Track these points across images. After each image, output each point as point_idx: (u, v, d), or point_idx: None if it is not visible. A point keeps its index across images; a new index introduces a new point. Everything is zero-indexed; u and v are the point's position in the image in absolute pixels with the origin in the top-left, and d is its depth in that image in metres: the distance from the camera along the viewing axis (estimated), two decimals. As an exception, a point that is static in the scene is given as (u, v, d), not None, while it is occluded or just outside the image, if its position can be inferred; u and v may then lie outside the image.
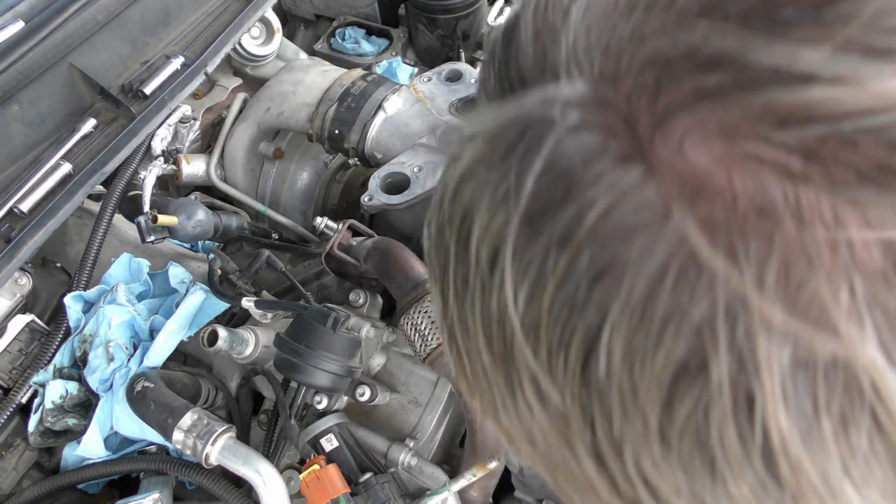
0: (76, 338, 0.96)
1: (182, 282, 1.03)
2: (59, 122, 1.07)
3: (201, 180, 1.33)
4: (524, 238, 0.20)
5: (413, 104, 1.19)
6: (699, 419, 0.18)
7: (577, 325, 0.19)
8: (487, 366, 0.23)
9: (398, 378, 0.99)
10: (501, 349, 0.21)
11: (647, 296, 0.18)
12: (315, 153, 1.36)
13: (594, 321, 0.19)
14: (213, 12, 1.25)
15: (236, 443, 0.83)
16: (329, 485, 0.80)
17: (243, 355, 0.90)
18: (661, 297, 0.17)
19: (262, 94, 1.30)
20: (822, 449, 0.17)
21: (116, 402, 0.89)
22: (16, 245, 0.93)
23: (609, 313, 0.18)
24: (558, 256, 0.19)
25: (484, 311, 0.22)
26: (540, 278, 0.19)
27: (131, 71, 1.14)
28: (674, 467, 0.19)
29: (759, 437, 0.17)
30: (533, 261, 0.20)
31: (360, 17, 1.63)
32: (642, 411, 0.18)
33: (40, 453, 0.95)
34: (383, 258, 0.95)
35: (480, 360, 0.23)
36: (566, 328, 0.19)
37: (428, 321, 0.86)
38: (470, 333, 0.23)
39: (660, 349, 0.18)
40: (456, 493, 0.86)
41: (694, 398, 0.18)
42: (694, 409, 0.18)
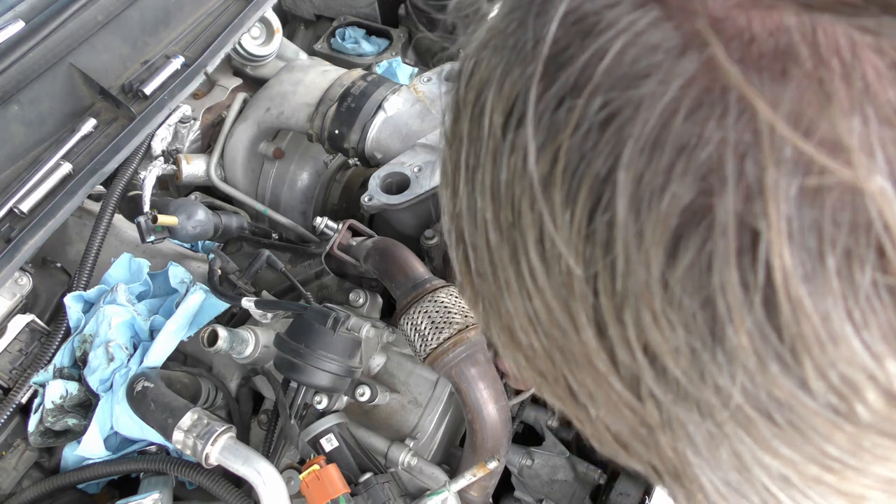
0: (76, 338, 0.96)
1: (182, 282, 1.03)
2: (59, 122, 1.07)
3: (201, 180, 1.34)
4: (539, 90, 0.20)
5: (413, 104, 1.19)
6: (702, 265, 0.18)
7: (585, 175, 0.19)
8: (494, 245, 0.23)
9: (398, 378, 0.99)
10: (508, 218, 0.22)
11: (657, 133, 0.18)
12: (315, 153, 1.36)
13: (603, 167, 0.19)
14: (213, 12, 1.25)
15: (236, 443, 0.83)
16: (329, 485, 0.80)
17: (243, 355, 0.90)
18: (671, 134, 0.17)
19: (262, 94, 1.30)
20: (824, 288, 0.16)
21: (116, 402, 0.89)
22: (16, 245, 0.93)
23: (619, 156, 0.18)
24: (572, 103, 0.19)
25: (494, 182, 0.22)
26: (552, 128, 0.20)
27: (131, 71, 1.14)
28: (674, 323, 0.18)
29: (762, 278, 0.17)
30: (546, 111, 0.20)
31: (360, 17, 1.63)
32: (646, 258, 0.18)
33: (40, 453, 0.95)
34: (383, 258, 0.95)
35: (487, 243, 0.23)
36: (574, 179, 0.19)
37: (428, 321, 0.86)
38: (478, 218, 0.23)
39: (668, 189, 0.18)
40: (456, 493, 0.86)
41: (698, 243, 0.17)
42: (698, 256, 0.18)
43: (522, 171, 0.21)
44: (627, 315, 0.19)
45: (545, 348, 0.23)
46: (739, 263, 0.17)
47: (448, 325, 0.86)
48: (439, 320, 0.86)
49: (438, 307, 0.87)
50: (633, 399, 0.21)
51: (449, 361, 0.85)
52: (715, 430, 0.19)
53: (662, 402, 0.20)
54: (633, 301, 0.19)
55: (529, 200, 0.21)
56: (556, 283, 0.21)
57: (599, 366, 0.21)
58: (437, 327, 0.86)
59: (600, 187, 0.19)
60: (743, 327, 0.17)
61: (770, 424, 0.18)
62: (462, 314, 0.87)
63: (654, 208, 0.18)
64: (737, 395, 0.18)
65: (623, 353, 0.20)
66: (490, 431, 0.86)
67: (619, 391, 0.21)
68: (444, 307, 0.87)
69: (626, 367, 0.20)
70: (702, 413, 0.19)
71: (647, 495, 0.98)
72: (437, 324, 0.86)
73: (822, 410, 0.17)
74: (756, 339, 0.17)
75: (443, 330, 0.86)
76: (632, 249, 0.18)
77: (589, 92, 0.19)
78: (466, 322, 0.87)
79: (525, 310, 0.23)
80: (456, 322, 0.86)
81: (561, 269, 0.20)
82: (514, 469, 1.04)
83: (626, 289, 0.19)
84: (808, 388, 0.17)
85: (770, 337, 0.17)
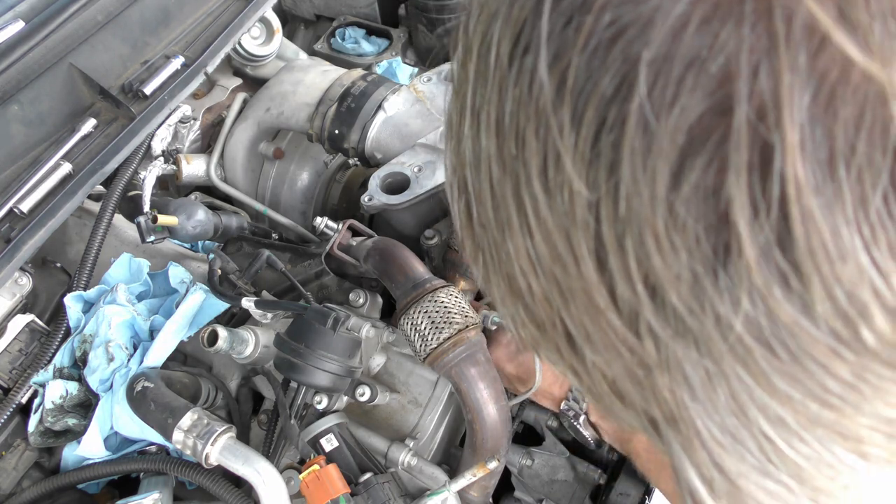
0: (76, 338, 0.96)
1: (182, 282, 1.03)
2: (59, 122, 1.07)
3: (201, 180, 1.34)
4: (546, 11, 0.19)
5: (413, 104, 1.19)
6: (709, 183, 0.17)
7: (592, 94, 0.19)
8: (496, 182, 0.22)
9: (398, 378, 0.99)
10: (512, 150, 0.21)
11: (667, 47, 0.17)
12: (315, 153, 1.36)
13: (610, 85, 0.18)
14: (213, 12, 1.25)
15: (236, 443, 0.83)
16: (329, 485, 0.80)
17: (243, 355, 0.90)
18: (681, 47, 0.17)
19: (262, 94, 1.30)
20: (835, 200, 0.16)
21: (116, 402, 0.89)
22: (16, 245, 0.93)
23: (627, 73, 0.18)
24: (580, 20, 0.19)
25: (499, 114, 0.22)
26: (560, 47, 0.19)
27: (131, 71, 1.14)
28: (677, 246, 0.18)
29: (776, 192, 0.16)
30: (553, 31, 0.19)
31: (360, 17, 1.63)
32: (651, 177, 0.18)
33: (40, 453, 0.95)
34: (383, 258, 0.95)
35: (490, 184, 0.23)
36: (581, 99, 0.19)
37: (428, 321, 0.86)
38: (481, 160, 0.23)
39: (676, 104, 0.17)
40: (456, 493, 0.86)
41: (706, 159, 0.17)
42: (705, 173, 0.17)
43: (528, 96, 0.20)
44: (629, 241, 0.19)
45: (544, 290, 0.23)
46: (749, 179, 0.16)
47: (448, 325, 0.86)
48: (439, 320, 0.86)
49: (438, 307, 0.87)
50: (631, 336, 0.21)
51: (449, 361, 0.85)
52: (713, 368, 0.19)
53: (661, 337, 0.20)
54: (635, 225, 0.19)
55: (535, 126, 0.20)
56: (559, 213, 0.20)
57: (598, 301, 0.21)
58: (437, 327, 0.86)
59: (607, 106, 0.18)
60: (749, 247, 0.17)
61: (770, 356, 0.18)
62: (462, 314, 0.87)
63: (661, 124, 0.17)
64: (737, 324, 0.18)
65: (623, 285, 0.20)
66: (490, 431, 0.86)
67: (617, 328, 0.21)
68: (444, 307, 0.87)
69: (625, 302, 0.20)
70: (700, 350, 0.19)
71: (647, 495, 0.98)
72: (437, 324, 0.86)
73: (824, 338, 0.17)
74: (762, 260, 0.17)
75: (443, 330, 0.86)
76: (637, 168, 0.18)
77: (598, 8, 0.18)
78: (466, 322, 0.87)
79: (526, 249, 0.22)
80: (456, 322, 0.86)
81: (563, 196, 0.20)
82: (514, 469, 1.04)
83: (629, 211, 0.19)
84: (812, 313, 0.17)
85: (777, 257, 0.17)
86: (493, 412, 0.86)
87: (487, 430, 0.86)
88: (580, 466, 1.03)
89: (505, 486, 1.04)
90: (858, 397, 0.18)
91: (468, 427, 0.88)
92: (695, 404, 0.20)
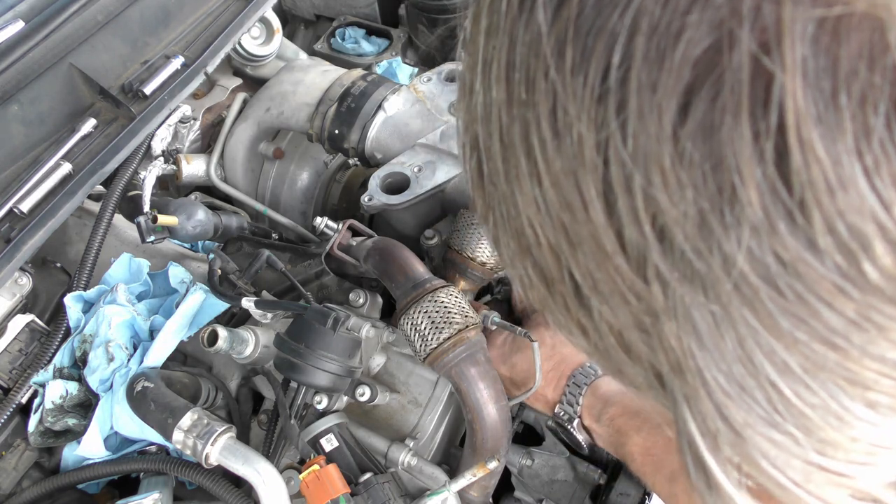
0: (76, 338, 0.96)
1: (182, 282, 1.03)
2: (59, 122, 1.07)
3: (201, 180, 1.34)
4: None
5: (413, 104, 1.19)
6: (714, 118, 0.17)
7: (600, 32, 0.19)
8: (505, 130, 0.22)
9: (398, 378, 0.99)
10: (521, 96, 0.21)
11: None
12: (315, 153, 1.36)
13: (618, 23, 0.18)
14: (213, 12, 1.25)
15: (236, 443, 0.83)
16: (329, 485, 0.80)
17: (243, 355, 0.90)
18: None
19: (262, 94, 1.30)
20: (836, 130, 0.16)
21: (116, 402, 0.89)
22: (16, 245, 0.93)
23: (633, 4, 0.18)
24: None
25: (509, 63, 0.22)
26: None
27: (131, 71, 1.14)
28: (683, 182, 0.18)
29: (774, 123, 0.16)
30: None
31: (360, 17, 1.63)
32: (658, 113, 0.18)
33: (40, 453, 0.95)
34: (383, 258, 0.95)
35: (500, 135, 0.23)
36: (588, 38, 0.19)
37: (428, 321, 0.86)
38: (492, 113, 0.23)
39: (682, 37, 0.17)
40: (456, 493, 0.86)
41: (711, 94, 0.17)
42: (710, 107, 0.17)
43: (537, 39, 0.20)
44: (636, 180, 0.19)
45: (552, 241, 0.23)
46: (752, 112, 0.16)
47: (448, 325, 0.86)
48: (439, 320, 0.86)
49: (438, 307, 0.87)
50: (638, 281, 0.21)
51: (449, 361, 0.85)
52: (720, 313, 0.19)
53: (668, 281, 0.20)
54: (643, 162, 0.18)
55: (543, 69, 0.20)
56: (567, 155, 0.20)
57: (606, 245, 0.21)
58: (437, 327, 0.86)
59: (614, 43, 0.18)
60: (752, 181, 0.17)
61: (775, 295, 0.18)
62: (462, 314, 0.87)
63: (668, 57, 0.17)
64: (741, 261, 0.17)
65: (631, 228, 0.20)
66: (490, 431, 0.86)
67: (624, 273, 0.21)
68: (444, 307, 0.87)
69: (633, 245, 0.20)
70: (707, 294, 0.19)
71: (647, 496, 0.98)
72: (437, 324, 0.86)
73: (828, 273, 0.17)
74: (765, 194, 0.17)
75: (443, 330, 0.86)
76: (644, 104, 0.18)
77: None
78: (466, 322, 0.87)
79: (534, 197, 0.22)
80: (456, 322, 0.86)
81: (572, 138, 0.20)
82: (514, 469, 1.04)
83: (636, 149, 0.18)
84: (815, 248, 0.17)
85: (780, 190, 0.17)
86: (493, 412, 0.86)
87: (487, 430, 0.86)
88: (580, 466, 1.03)
89: (505, 486, 1.04)
90: (864, 337, 0.18)
91: (468, 427, 0.88)
92: (702, 352, 0.20)
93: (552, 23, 0.20)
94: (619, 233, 0.20)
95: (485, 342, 0.90)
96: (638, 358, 0.24)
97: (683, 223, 0.18)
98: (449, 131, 1.12)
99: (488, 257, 1.00)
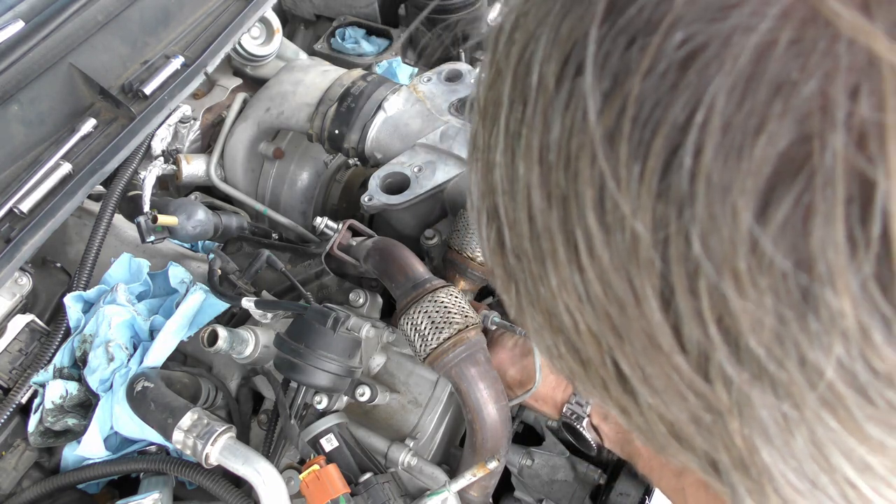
0: (76, 338, 0.96)
1: (182, 282, 1.03)
2: (59, 122, 1.07)
3: (201, 180, 1.34)
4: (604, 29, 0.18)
5: (413, 104, 1.19)
6: (800, 219, 0.15)
7: (660, 122, 0.17)
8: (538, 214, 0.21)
9: (398, 378, 0.99)
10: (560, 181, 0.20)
11: (751, 69, 0.15)
12: (315, 153, 1.36)
13: (682, 113, 0.17)
14: (213, 12, 1.25)
15: (236, 443, 0.83)
16: (329, 485, 0.80)
17: (243, 355, 0.90)
18: (767, 69, 0.15)
19: (262, 94, 1.30)
20: None
21: (116, 402, 0.89)
22: (16, 245, 0.93)
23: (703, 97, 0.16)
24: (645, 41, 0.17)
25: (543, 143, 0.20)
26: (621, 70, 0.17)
27: (131, 71, 1.14)
28: (761, 288, 0.16)
29: (877, 231, 0.15)
30: (613, 52, 0.18)
31: (360, 17, 1.63)
32: (733, 213, 0.16)
33: (40, 453, 0.95)
34: (383, 258, 0.95)
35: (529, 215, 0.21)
36: (646, 128, 0.17)
37: (428, 321, 0.86)
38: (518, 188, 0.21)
39: (762, 132, 0.15)
40: (456, 493, 0.86)
41: (797, 193, 0.15)
42: (795, 208, 0.15)
43: (582, 123, 0.18)
44: (702, 282, 0.17)
45: (594, 329, 0.21)
46: (847, 216, 0.15)
47: (448, 325, 0.86)
48: (439, 320, 0.86)
49: (438, 307, 0.87)
50: (699, 380, 0.19)
51: (449, 361, 0.85)
52: (792, 413, 0.18)
53: (735, 382, 0.18)
54: (712, 265, 0.17)
55: (589, 156, 0.18)
56: (618, 250, 0.19)
57: (662, 343, 0.19)
58: (437, 327, 0.86)
59: (678, 135, 0.17)
60: (847, 291, 0.15)
61: (864, 403, 0.16)
62: (462, 314, 0.87)
63: (745, 155, 0.16)
64: (829, 371, 0.16)
65: (692, 327, 0.18)
66: (490, 431, 0.86)
67: (683, 372, 0.19)
68: (444, 307, 0.87)
69: (694, 344, 0.18)
70: (777, 393, 0.17)
71: (648, 495, 0.98)
72: (437, 324, 0.86)
73: None
74: (861, 304, 0.15)
75: (443, 330, 0.86)
76: (715, 203, 0.16)
77: (666, 27, 0.16)
78: (466, 322, 0.87)
79: (574, 285, 0.21)
80: (456, 322, 0.86)
81: (624, 233, 0.18)
82: (514, 469, 1.04)
83: (705, 250, 0.17)
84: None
85: (878, 301, 0.15)
86: (493, 412, 0.86)
87: (487, 430, 0.86)
88: (580, 466, 1.03)
89: (505, 486, 1.04)
90: None
91: (468, 427, 0.88)
92: (769, 448, 0.19)
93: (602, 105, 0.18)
94: (677, 330, 0.19)
95: (485, 342, 0.90)
96: (691, 447, 0.22)
97: (759, 328, 0.17)
98: (449, 131, 1.12)
99: (488, 257, 1.00)
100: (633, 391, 0.22)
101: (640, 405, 0.22)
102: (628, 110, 0.17)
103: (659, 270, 0.18)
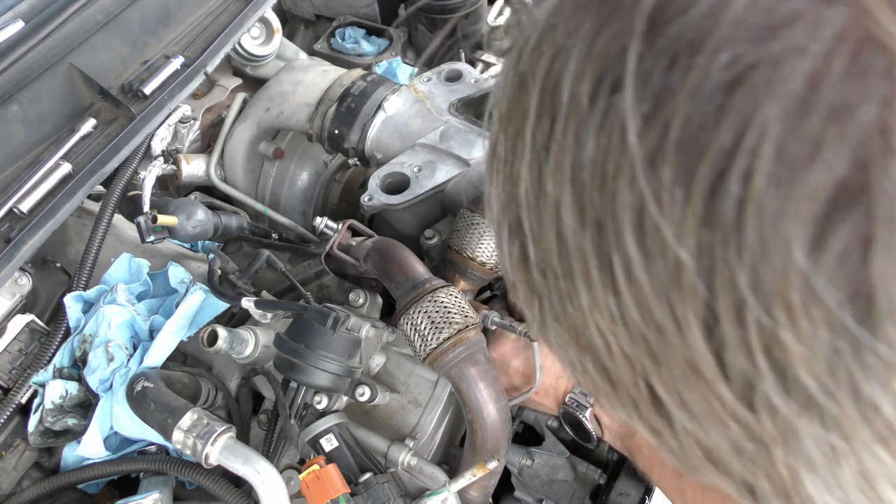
0: (76, 338, 0.96)
1: (182, 282, 1.03)
2: (58, 122, 1.07)
3: (201, 180, 1.34)
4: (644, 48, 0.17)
5: (413, 104, 1.19)
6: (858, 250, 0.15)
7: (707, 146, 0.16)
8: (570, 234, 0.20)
9: (398, 378, 0.99)
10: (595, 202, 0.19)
11: (805, 93, 0.15)
12: (315, 153, 1.36)
13: (729, 136, 0.16)
14: (213, 12, 1.25)
15: (236, 443, 0.83)
16: (329, 485, 0.80)
17: (243, 355, 0.90)
18: (822, 93, 0.15)
19: (262, 94, 1.30)
20: None
21: (116, 402, 0.89)
22: (16, 245, 0.93)
23: (753, 121, 0.15)
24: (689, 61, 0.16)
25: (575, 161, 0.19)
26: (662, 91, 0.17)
27: (131, 71, 1.14)
28: (815, 320, 0.16)
29: None
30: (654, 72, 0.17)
31: (360, 17, 1.63)
32: (785, 242, 0.15)
33: (40, 453, 0.95)
34: (383, 258, 0.95)
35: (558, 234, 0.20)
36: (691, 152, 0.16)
37: (428, 321, 0.86)
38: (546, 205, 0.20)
39: (817, 159, 0.15)
40: (456, 493, 0.86)
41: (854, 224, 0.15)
42: (853, 238, 0.15)
43: (620, 144, 0.18)
44: (750, 312, 0.17)
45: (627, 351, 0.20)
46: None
47: (448, 325, 0.86)
48: (439, 320, 0.86)
49: (438, 307, 0.87)
50: (743, 410, 0.18)
51: (449, 361, 0.85)
52: (840, 445, 0.17)
53: (782, 413, 0.18)
54: (761, 296, 0.16)
55: (628, 178, 0.18)
56: (658, 276, 0.18)
57: (704, 371, 0.18)
58: (437, 327, 0.86)
59: (725, 160, 0.16)
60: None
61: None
62: (462, 314, 0.87)
63: (799, 182, 0.15)
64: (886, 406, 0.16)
65: (737, 356, 0.18)
66: (490, 431, 0.86)
67: (725, 400, 0.19)
68: (444, 307, 0.87)
69: (738, 373, 0.18)
70: (826, 424, 0.17)
71: (648, 495, 0.98)
72: (437, 324, 0.86)
73: None
74: None
75: (443, 330, 0.86)
76: (767, 232, 0.16)
77: (712, 47, 0.16)
78: (466, 322, 0.87)
79: (608, 307, 0.20)
80: (456, 322, 0.86)
81: (666, 259, 0.18)
82: (514, 469, 1.04)
83: (754, 280, 0.16)
84: None
85: None
86: (493, 412, 0.86)
87: (487, 430, 0.86)
88: (580, 466, 1.03)
89: (505, 486, 1.04)
90: None
91: (468, 427, 0.88)
92: (813, 478, 0.19)
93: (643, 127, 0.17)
94: (720, 358, 0.18)
95: (485, 342, 0.90)
96: (728, 472, 0.22)
97: (811, 361, 0.16)
98: (449, 131, 1.12)
99: (488, 257, 1.00)
100: (669, 415, 0.21)
101: (674, 429, 0.21)
102: (671, 133, 0.17)
103: (703, 298, 0.17)
